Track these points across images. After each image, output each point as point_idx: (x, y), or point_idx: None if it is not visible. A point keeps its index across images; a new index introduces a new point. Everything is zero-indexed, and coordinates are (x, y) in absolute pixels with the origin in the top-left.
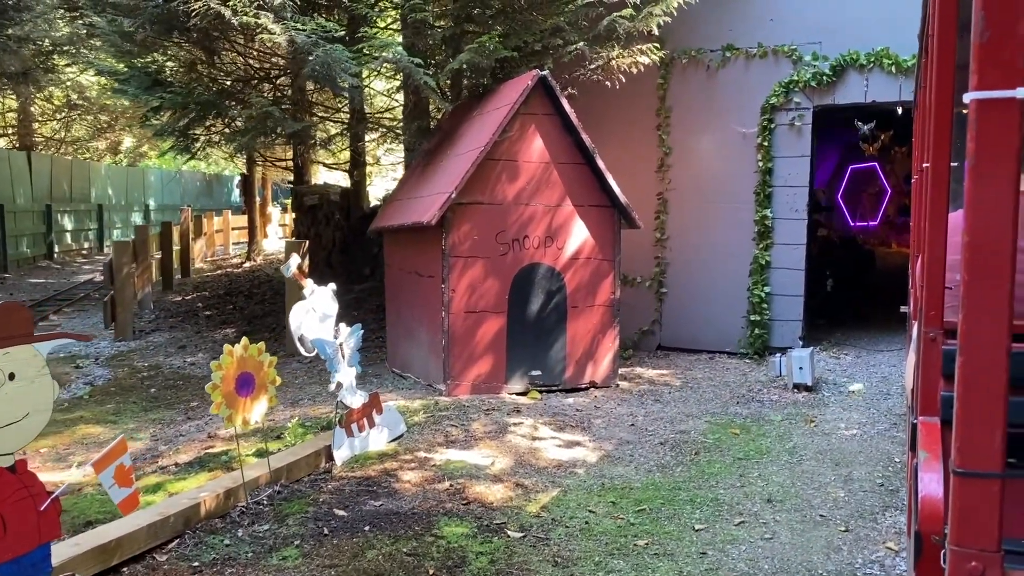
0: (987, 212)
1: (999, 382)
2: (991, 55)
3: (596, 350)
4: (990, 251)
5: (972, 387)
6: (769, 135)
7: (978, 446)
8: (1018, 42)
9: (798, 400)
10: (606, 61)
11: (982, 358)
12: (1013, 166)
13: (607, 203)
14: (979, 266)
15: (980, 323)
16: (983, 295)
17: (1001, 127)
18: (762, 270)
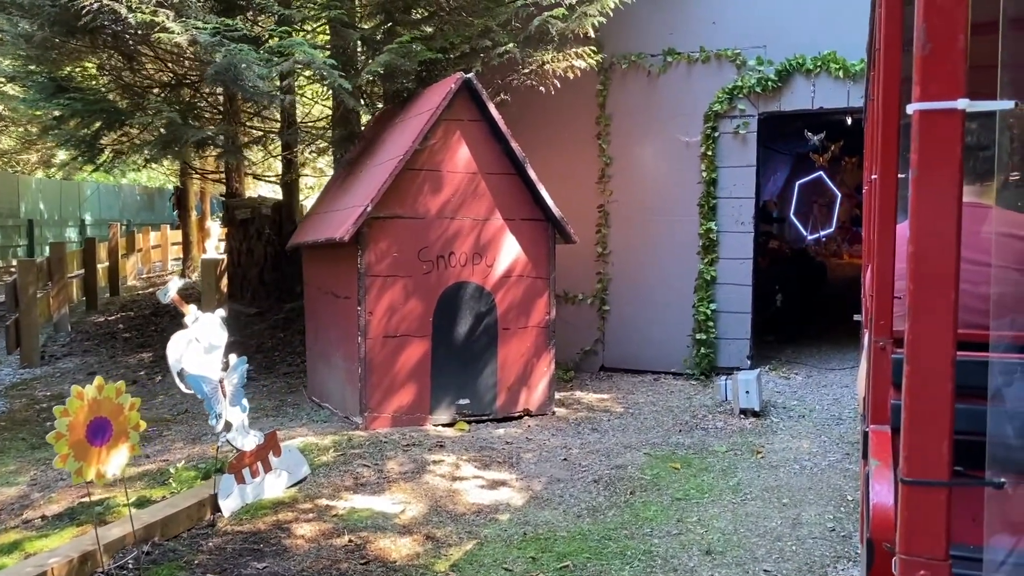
0: (931, 222)
1: (945, 391)
2: (933, 67)
3: (530, 375)
4: (935, 261)
5: (918, 396)
6: (713, 144)
7: (925, 455)
8: (959, 54)
9: (745, 427)
10: (539, 65)
11: (928, 368)
12: (956, 176)
13: (540, 216)
14: (924, 276)
15: (926, 333)
16: (929, 305)
17: (943, 138)
18: (707, 286)
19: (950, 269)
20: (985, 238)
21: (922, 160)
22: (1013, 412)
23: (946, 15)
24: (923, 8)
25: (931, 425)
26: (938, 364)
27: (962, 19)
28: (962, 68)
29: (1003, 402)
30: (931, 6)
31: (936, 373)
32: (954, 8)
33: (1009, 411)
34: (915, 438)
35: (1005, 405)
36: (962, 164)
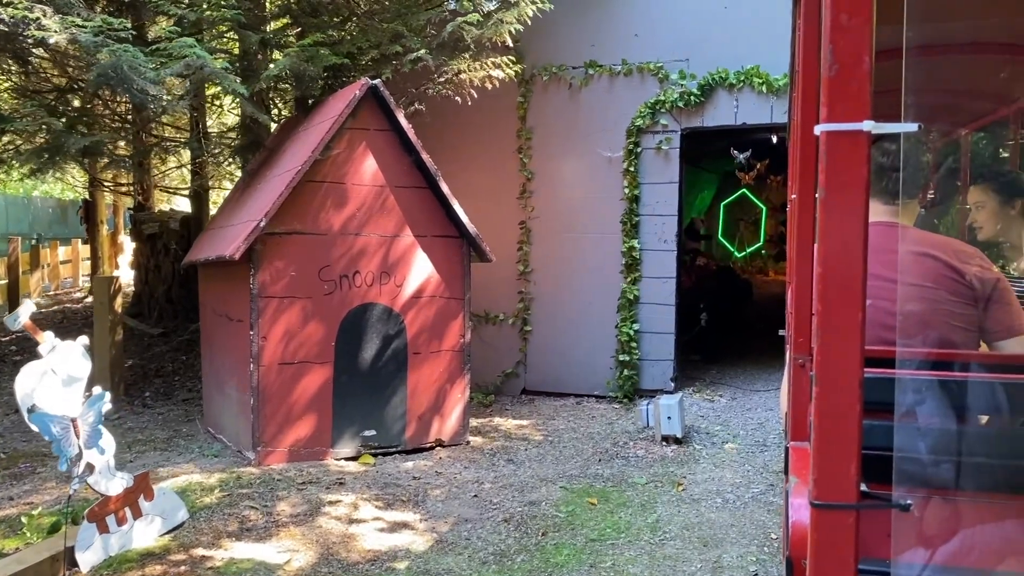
0: (838, 242)
1: (853, 413)
2: (839, 88)
3: (443, 403)
4: (842, 282)
5: (827, 419)
6: (636, 159)
7: (834, 478)
8: (865, 75)
9: (666, 456)
10: (455, 73)
11: (836, 390)
12: (862, 197)
13: (454, 233)
14: (831, 297)
15: (834, 355)
16: (836, 327)
17: (850, 159)
18: (630, 305)
19: (857, 290)
20: (899, 257)
21: (829, 181)
22: (925, 429)
23: (852, 37)
24: (829, 30)
25: (839, 447)
26: (846, 386)
27: (868, 41)
28: (867, 90)
29: (915, 419)
30: (837, 28)
31: (844, 395)
32: (860, 30)
33: (921, 428)
34: (824, 460)
35: (917, 422)
36: (868, 185)
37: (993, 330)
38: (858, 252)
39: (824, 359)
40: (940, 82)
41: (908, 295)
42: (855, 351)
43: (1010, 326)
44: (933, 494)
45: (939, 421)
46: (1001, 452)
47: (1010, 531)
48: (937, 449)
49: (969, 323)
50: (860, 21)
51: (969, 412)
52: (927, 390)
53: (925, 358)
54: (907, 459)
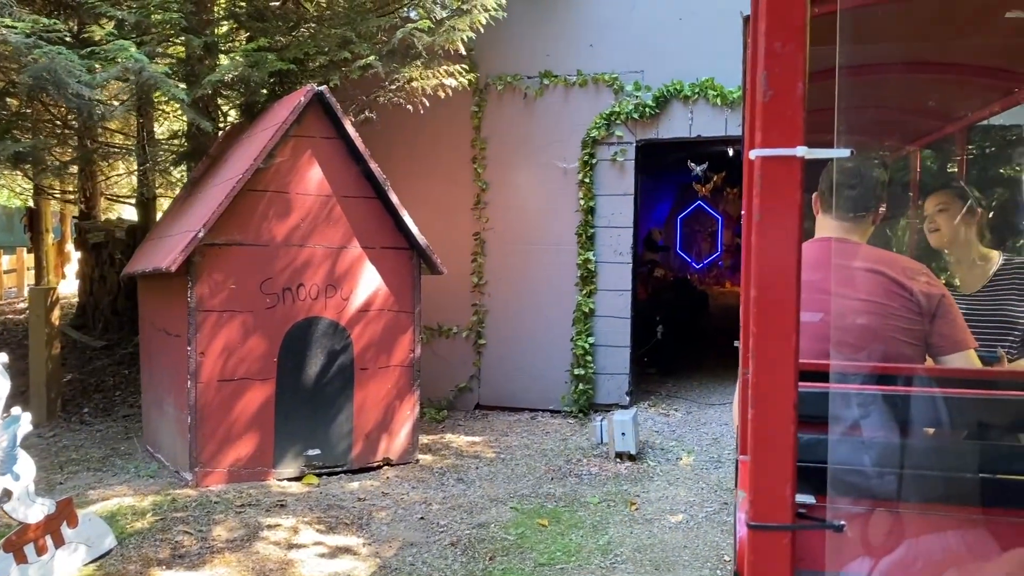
0: (772, 265)
1: (788, 436)
2: (774, 114)
3: (391, 420)
4: (776, 304)
5: (762, 441)
6: (591, 171)
7: (769, 499)
8: (799, 101)
9: (620, 473)
10: (407, 81)
11: (771, 413)
12: (795, 220)
13: (404, 245)
14: (766, 320)
15: (768, 378)
16: (771, 349)
17: (783, 183)
18: (586, 319)
19: (791, 312)
20: (851, 273)
21: (763, 204)
22: (868, 442)
23: (786, 63)
24: (764, 56)
25: (774, 468)
26: (781, 408)
27: (802, 68)
28: (801, 116)
29: (857, 432)
30: (772, 54)
31: (779, 417)
32: (794, 57)
33: (864, 441)
34: (759, 481)
35: (858, 435)
36: (801, 209)
37: (938, 345)
38: (792, 275)
39: (759, 381)
40: (886, 101)
41: (858, 310)
42: (789, 373)
43: (954, 341)
44: (876, 507)
45: (882, 434)
46: (945, 465)
47: (952, 543)
48: (880, 462)
49: (916, 338)
50: (794, 48)
51: (913, 425)
52: (871, 404)
53: (860, 371)
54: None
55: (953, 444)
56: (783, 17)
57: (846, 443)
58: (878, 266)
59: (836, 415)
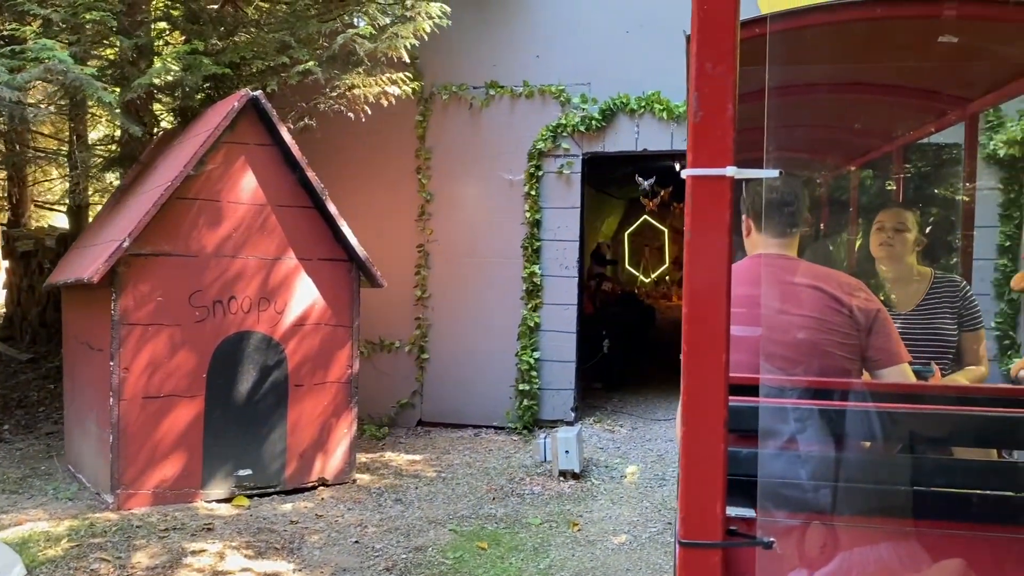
0: (703, 283)
1: (718, 455)
2: (704, 135)
3: (327, 439)
4: (706, 321)
5: (693, 459)
6: (537, 183)
7: (700, 517)
8: (728, 123)
9: (563, 492)
10: (347, 88)
11: (702, 431)
12: (725, 239)
13: (342, 256)
14: (696, 336)
15: (699, 396)
16: (701, 366)
17: (713, 203)
18: (531, 333)
19: (721, 330)
20: (792, 289)
21: (694, 223)
22: (807, 455)
23: (717, 85)
24: (695, 78)
25: (705, 487)
26: (711, 427)
27: (731, 89)
28: (731, 136)
29: (793, 446)
30: (703, 76)
31: (709, 436)
32: (724, 78)
33: (803, 454)
34: (690, 500)
35: (799, 448)
36: (731, 228)
37: (874, 359)
38: (722, 291)
39: (689, 398)
40: (828, 121)
41: (799, 325)
42: (719, 390)
43: (890, 355)
44: (811, 520)
45: (818, 448)
46: (879, 478)
47: (885, 555)
48: (816, 475)
49: (853, 352)
50: (724, 69)
51: (848, 439)
52: (808, 417)
53: (798, 386)
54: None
55: (887, 457)
56: (713, 40)
57: (782, 457)
58: (817, 282)
59: (771, 429)
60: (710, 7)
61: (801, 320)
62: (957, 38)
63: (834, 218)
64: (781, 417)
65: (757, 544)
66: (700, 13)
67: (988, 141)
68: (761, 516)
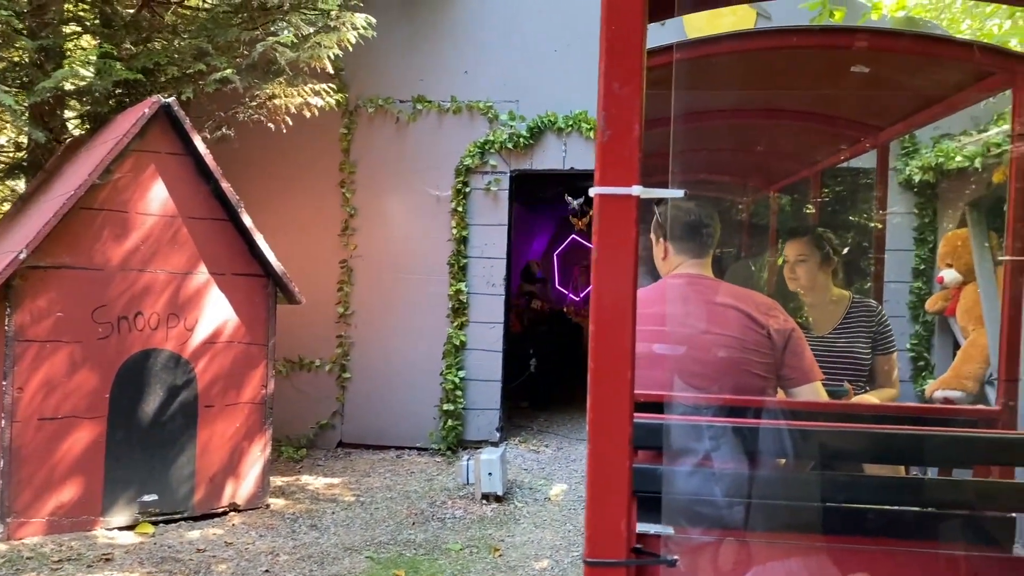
0: (609, 301)
1: (623, 472)
2: (611, 153)
3: (239, 462)
4: (612, 340)
5: (598, 477)
6: (464, 200)
7: (605, 535)
8: (635, 142)
9: (486, 516)
10: (267, 98)
11: (607, 450)
12: (631, 258)
13: (258, 271)
14: (602, 355)
15: (605, 414)
16: (606, 385)
17: (620, 221)
18: (456, 352)
19: (627, 349)
20: (710, 308)
21: (601, 241)
22: (718, 472)
23: (623, 105)
24: (603, 97)
25: (610, 505)
26: (616, 445)
27: (638, 110)
28: (637, 156)
29: (711, 462)
30: (610, 95)
31: (614, 454)
32: (631, 99)
33: (714, 471)
34: (595, 518)
35: (712, 465)
36: (637, 247)
37: (789, 377)
38: (627, 310)
39: (595, 416)
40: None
41: (716, 344)
42: (624, 408)
43: (803, 373)
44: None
45: (730, 464)
46: (791, 494)
47: (796, 570)
48: (728, 492)
49: (768, 371)
50: (631, 90)
51: (761, 456)
52: (721, 435)
53: (714, 403)
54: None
55: (796, 473)
56: (620, 60)
57: (694, 473)
58: (735, 302)
59: (680, 446)
60: (617, 28)
61: (719, 339)
62: (868, 68)
63: (756, 240)
64: (693, 434)
65: (660, 562)
66: (607, 34)
67: (904, 167)
68: (678, 534)
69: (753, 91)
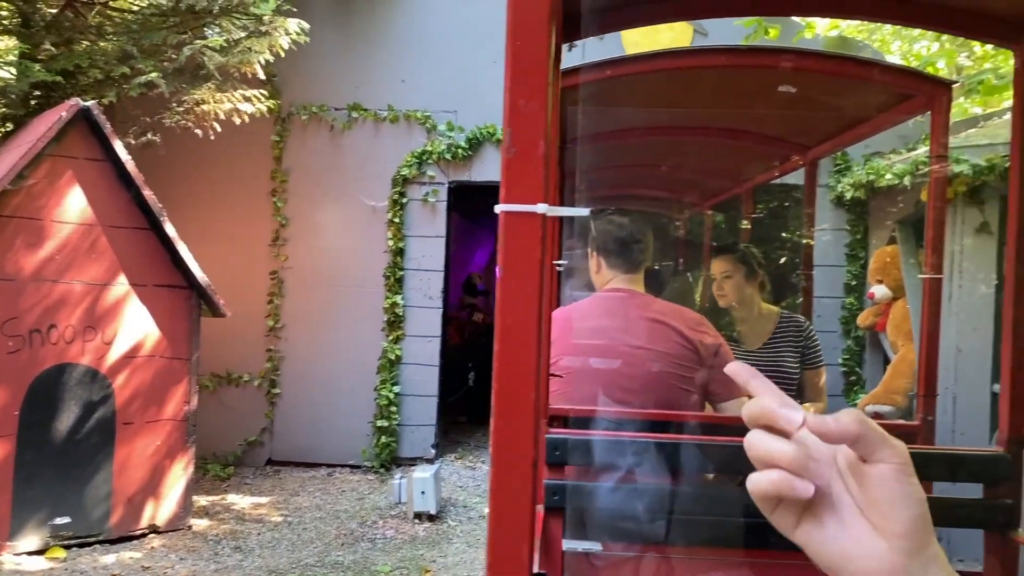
0: (513, 320)
1: (526, 496)
2: (516, 171)
3: (159, 482)
4: (517, 360)
5: (501, 501)
6: (401, 211)
7: (506, 562)
8: (540, 159)
9: (418, 536)
10: (195, 103)
11: (510, 474)
12: (536, 277)
13: (181, 283)
14: (507, 376)
15: (509, 436)
16: (511, 405)
17: (526, 238)
18: (391, 366)
19: (531, 370)
20: (640, 323)
21: (506, 260)
22: (645, 488)
23: (528, 121)
24: (508, 114)
25: (512, 530)
26: (519, 469)
27: (543, 126)
28: (542, 173)
29: (636, 478)
30: (515, 111)
31: (517, 478)
32: (536, 115)
33: (641, 487)
34: (497, 543)
35: (638, 481)
36: (543, 265)
37: (715, 392)
38: (533, 330)
39: (498, 438)
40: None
41: (644, 358)
42: (528, 432)
43: (729, 388)
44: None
45: (654, 480)
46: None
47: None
48: (651, 507)
49: (695, 386)
50: (536, 106)
51: (688, 471)
52: (647, 450)
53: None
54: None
55: (723, 488)
56: (525, 77)
57: (621, 489)
58: (663, 317)
59: (609, 461)
60: (523, 44)
61: (649, 353)
62: (795, 88)
63: (693, 255)
64: (620, 449)
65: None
66: (512, 50)
67: (836, 184)
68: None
69: (685, 109)
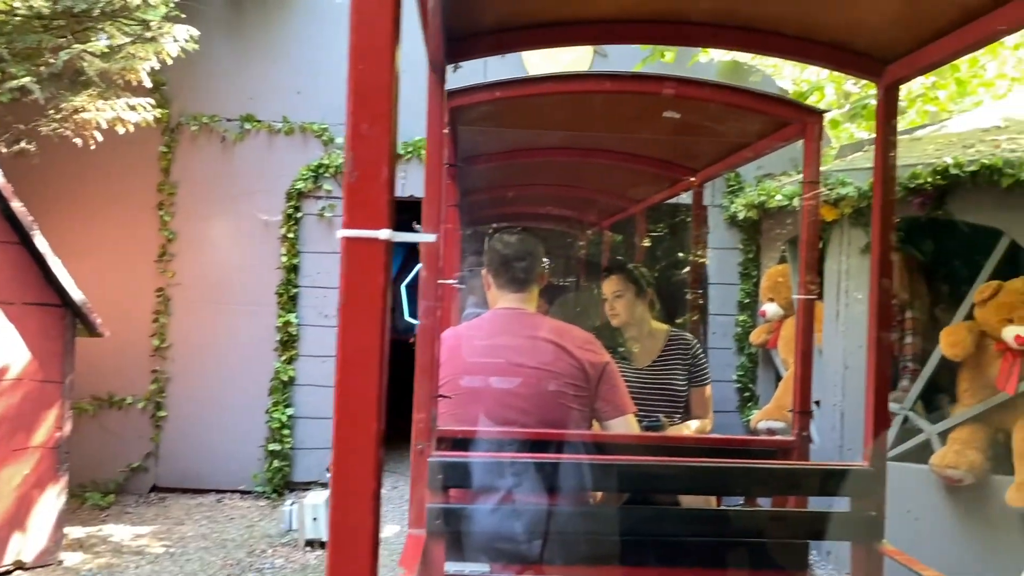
0: (353, 350)
1: (367, 531)
2: (359, 195)
3: (26, 513)
4: (358, 390)
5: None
6: (296, 225)
7: None
8: (384, 185)
9: (309, 564)
10: (73, 111)
11: (352, 505)
12: (379, 304)
13: (54, 300)
14: (347, 405)
15: (349, 468)
16: (352, 436)
17: (368, 264)
18: (284, 387)
19: (373, 401)
20: (530, 342)
21: (347, 287)
22: (527, 508)
23: (372, 146)
24: (350, 137)
25: (353, 564)
26: (361, 501)
27: (387, 151)
28: (386, 199)
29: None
30: (357, 135)
31: (358, 511)
32: (380, 140)
33: (523, 507)
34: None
35: (521, 501)
36: (386, 292)
37: (603, 410)
38: (376, 357)
39: (338, 469)
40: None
41: (532, 377)
42: (370, 465)
43: (616, 406)
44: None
45: (538, 500)
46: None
47: None
48: (537, 528)
49: (584, 404)
50: (380, 131)
51: (573, 490)
52: (529, 470)
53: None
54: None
55: (605, 507)
56: (367, 102)
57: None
58: (551, 336)
59: (491, 483)
60: (365, 68)
61: (536, 372)
62: (680, 114)
63: (592, 273)
64: (503, 470)
65: None
66: (354, 74)
67: (730, 204)
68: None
69: (579, 131)
